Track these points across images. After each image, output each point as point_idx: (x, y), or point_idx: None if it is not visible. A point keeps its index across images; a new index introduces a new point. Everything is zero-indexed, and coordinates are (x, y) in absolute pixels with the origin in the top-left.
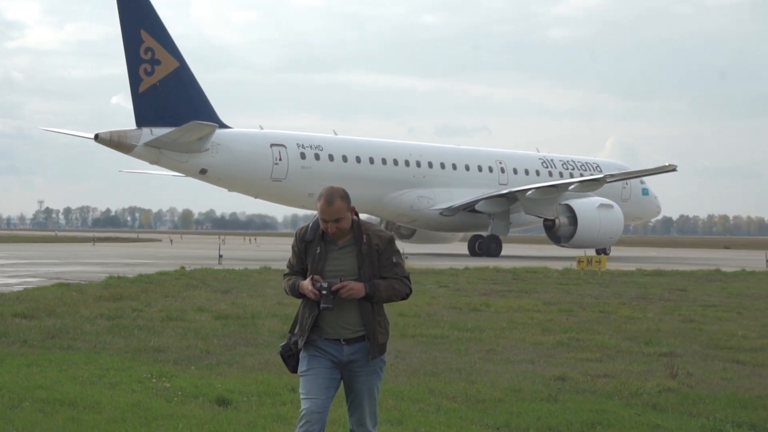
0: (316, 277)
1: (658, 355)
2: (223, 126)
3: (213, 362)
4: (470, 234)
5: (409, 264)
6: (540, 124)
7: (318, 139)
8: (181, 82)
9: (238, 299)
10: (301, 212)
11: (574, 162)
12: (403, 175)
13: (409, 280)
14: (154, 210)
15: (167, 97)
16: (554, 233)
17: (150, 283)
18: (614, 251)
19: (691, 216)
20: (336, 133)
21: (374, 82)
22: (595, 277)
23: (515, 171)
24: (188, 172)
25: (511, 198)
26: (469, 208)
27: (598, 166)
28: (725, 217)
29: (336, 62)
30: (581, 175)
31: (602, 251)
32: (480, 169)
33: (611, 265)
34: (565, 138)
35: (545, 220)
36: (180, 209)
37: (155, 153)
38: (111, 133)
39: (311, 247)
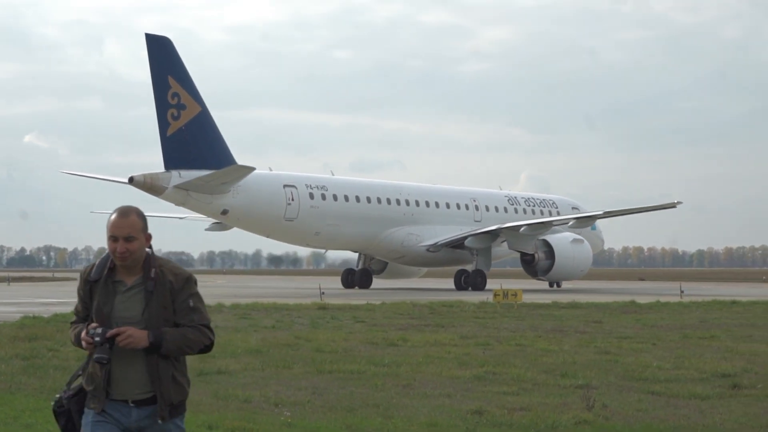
0: (93, 324)
1: (574, 387)
2: None
3: None
4: (445, 268)
5: (327, 300)
6: (453, 158)
7: (322, 180)
8: (204, 126)
9: None
10: (302, 250)
11: (533, 199)
12: (395, 214)
13: (210, 330)
14: (70, 249)
15: (192, 141)
16: (533, 267)
17: (65, 323)
18: (530, 285)
19: (606, 248)
20: (333, 174)
21: (287, 117)
22: (512, 310)
23: (487, 208)
24: (210, 213)
25: (494, 234)
26: (453, 244)
27: (553, 202)
28: (640, 249)
29: (249, 98)
30: (541, 212)
31: (556, 284)
32: (458, 206)
33: (527, 298)
34: (480, 172)
35: (524, 254)
36: (95, 248)
37: (183, 195)
38: (144, 176)
39: (96, 288)
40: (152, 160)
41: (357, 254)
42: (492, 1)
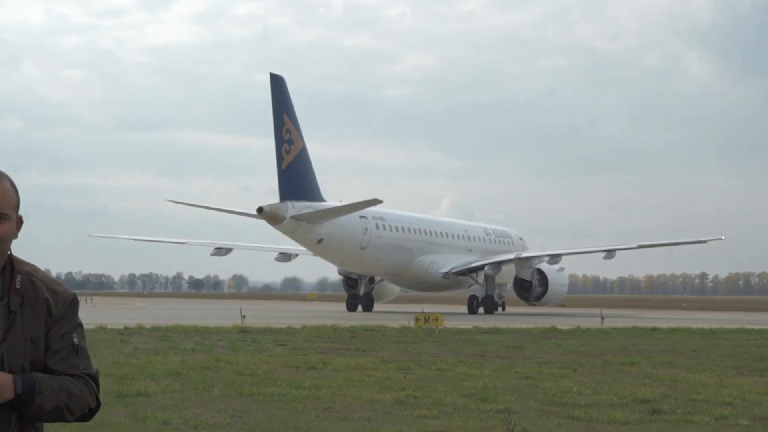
0: None
1: (495, 412)
2: (321, 200)
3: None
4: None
5: (249, 323)
6: (376, 182)
7: (378, 212)
8: (305, 160)
9: None
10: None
11: (497, 230)
12: (423, 244)
13: (98, 385)
14: None
15: (298, 173)
16: (529, 293)
17: None
18: (454, 309)
19: None
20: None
21: (208, 140)
22: (433, 335)
23: (474, 238)
24: (308, 242)
25: (501, 262)
26: (464, 271)
27: (507, 233)
28: None
29: (168, 121)
30: (502, 242)
31: (501, 308)
32: (459, 237)
33: (449, 324)
34: (402, 197)
35: (524, 281)
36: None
37: (295, 225)
38: (271, 206)
39: None
40: (74, 182)
41: (343, 279)
42: (414, 26)
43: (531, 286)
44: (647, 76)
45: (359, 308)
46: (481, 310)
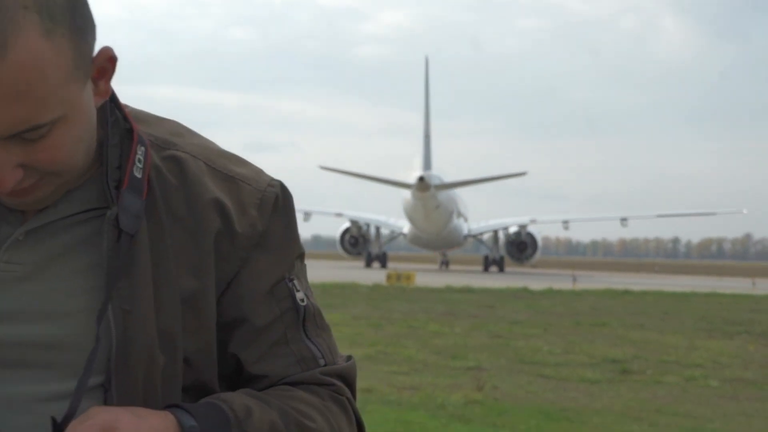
0: None
1: (465, 369)
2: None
3: None
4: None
5: None
6: (348, 140)
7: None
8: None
9: None
10: None
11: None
12: (458, 209)
13: (353, 392)
14: None
15: (429, 146)
16: (523, 254)
17: None
18: (426, 266)
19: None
20: None
21: (181, 95)
22: (405, 292)
23: (464, 204)
24: (428, 209)
25: (508, 226)
26: (478, 233)
27: (465, 200)
28: None
29: (142, 75)
30: (466, 207)
31: (445, 265)
32: (461, 203)
33: (421, 281)
34: (373, 156)
35: (520, 243)
36: None
37: (433, 192)
38: (427, 175)
39: None
40: None
41: (343, 238)
42: None
43: (525, 247)
44: (622, 38)
45: (375, 265)
46: (493, 268)
